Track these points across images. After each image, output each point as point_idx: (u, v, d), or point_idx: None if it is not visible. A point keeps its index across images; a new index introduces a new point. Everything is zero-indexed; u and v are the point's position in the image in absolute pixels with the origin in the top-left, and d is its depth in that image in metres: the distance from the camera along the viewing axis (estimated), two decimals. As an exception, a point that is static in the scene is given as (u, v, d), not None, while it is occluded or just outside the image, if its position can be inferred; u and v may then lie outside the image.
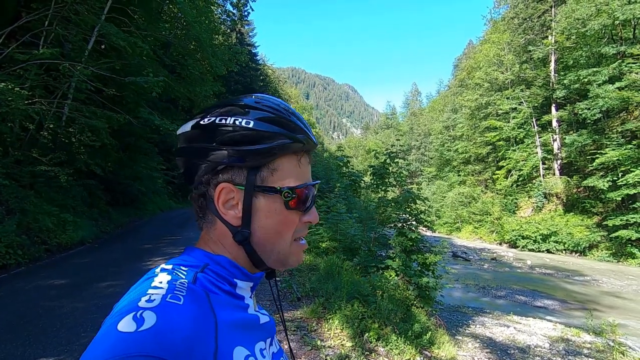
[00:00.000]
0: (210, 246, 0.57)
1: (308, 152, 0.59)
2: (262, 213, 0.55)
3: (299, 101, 78.64)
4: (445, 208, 33.90)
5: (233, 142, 0.53)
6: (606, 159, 18.69)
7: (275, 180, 0.55)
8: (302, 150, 0.58)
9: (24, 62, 7.56)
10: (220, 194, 0.54)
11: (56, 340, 3.42)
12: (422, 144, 56.83)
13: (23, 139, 8.41)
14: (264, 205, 0.54)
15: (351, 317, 4.19)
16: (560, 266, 16.17)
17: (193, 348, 0.40)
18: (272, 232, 0.55)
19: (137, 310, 0.40)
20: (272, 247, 0.56)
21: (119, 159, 12.31)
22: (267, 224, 0.55)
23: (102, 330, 0.40)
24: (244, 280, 0.56)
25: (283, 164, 0.56)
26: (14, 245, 6.17)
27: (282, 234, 0.56)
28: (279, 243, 0.56)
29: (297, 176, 0.57)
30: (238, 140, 0.53)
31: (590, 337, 6.87)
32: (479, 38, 46.58)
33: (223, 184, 0.54)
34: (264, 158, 0.54)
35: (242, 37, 36.07)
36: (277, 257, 0.57)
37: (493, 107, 31.43)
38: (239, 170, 0.54)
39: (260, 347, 0.53)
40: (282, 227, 0.56)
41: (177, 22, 17.16)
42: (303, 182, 0.57)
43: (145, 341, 0.37)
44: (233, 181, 0.54)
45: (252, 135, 0.53)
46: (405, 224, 7.14)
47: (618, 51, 19.67)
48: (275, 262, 0.57)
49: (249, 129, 0.53)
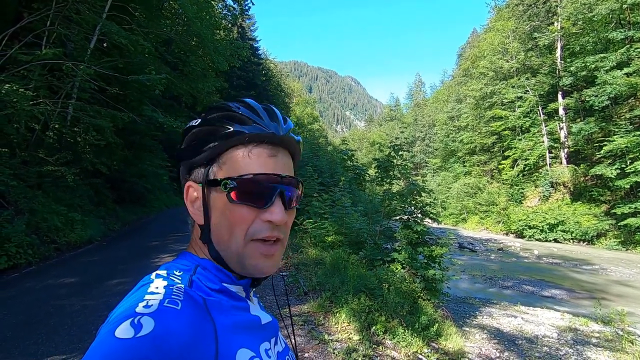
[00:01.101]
0: (195, 249, 0.58)
1: (263, 142, 0.55)
2: (215, 209, 0.54)
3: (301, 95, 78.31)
4: (451, 199, 33.75)
5: (190, 142, 0.57)
6: (614, 146, 18.43)
7: (223, 173, 0.54)
8: (251, 141, 0.54)
9: (28, 63, 7.59)
10: (187, 192, 0.57)
11: (68, 338, 3.49)
12: (427, 135, 56.45)
13: (29, 139, 8.49)
14: (214, 200, 0.54)
15: (358, 311, 4.21)
16: (568, 255, 16.07)
17: (192, 352, 0.40)
18: (223, 229, 0.53)
19: (135, 316, 0.40)
20: (227, 246, 0.53)
21: (125, 157, 12.40)
22: (218, 220, 0.54)
23: (100, 337, 0.40)
24: (231, 284, 0.55)
25: (232, 157, 0.54)
26: (24, 244, 6.26)
27: (232, 232, 0.53)
28: (231, 242, 0.53)
29: (245, 167, 0.53)
30: (192, 139, 0.57)
31: (598, 327, 6.83)
32: (483, 26, 45.86)
33: (188, 182, 0.57)
34: (212, 152, 0.55)
35: (243, 32, 35.91)
36: (236, 259, 0.54)
37: (498, 96, 31.04)
38: (199, 168, 0.56)
39: (265, 348, 0.53)
40: (231, 224, 0.53)
41: (178, 19, 17.11)
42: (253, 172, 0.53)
43: (144, 347, 0.37)
44: (195, 179, 0.57)
45: (201, 132, 0.56)
46: (411, 217, 7.11)
47: (626, 36, 19.27)
48: (235, 265, 0.54)
49: (197, 127, 0.56)
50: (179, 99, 19.80)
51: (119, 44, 9.63)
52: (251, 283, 0.58)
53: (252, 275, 0.55)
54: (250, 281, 0.57)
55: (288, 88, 63.36)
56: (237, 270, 0.55)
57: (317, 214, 8.36)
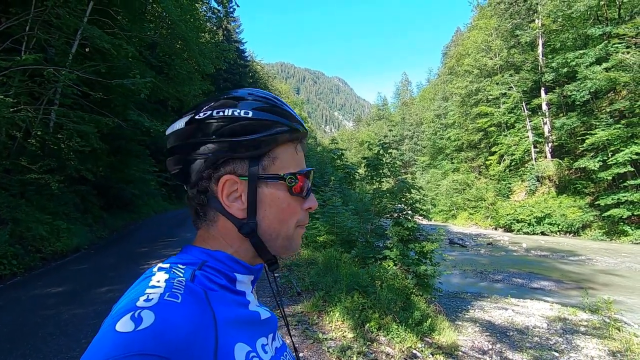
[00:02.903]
0: (208, 243, 0.56)
1: (302, 140, 0.61)
2: (267, 202, 0.55)
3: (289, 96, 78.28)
4: (440, 196, 34.16)
5: (232, 134, 0.53)
6: (596, 139, 18.91)
7: (277, 168, 0.56)
8: (298, 138, 0.59)
9: (7, 69, 7.39)
10: (224, 186, 0.54)
11: (56, 348, 3.41)
12: (415, 133, 57.03)
13: (11, 147, 8.27)
14: (268, 194, 0.55)
15: (351, 309, 4.22)
16: (555, 247, 16.41)
17: (192, 345, 0.40)
18: (277, 220, 0.56)
19: (135, 310, 0.40)
20: (278, 234, 0.57)
21: (110, 163, 12.17)
22: (271, 212, 0.56)
23: (101, 331, 0.40)
24: (244, 274, 0.56)
25: (282, 152, 0.57)
26: (8, 255, 6.09)
27: (287, 222, 0.57)
28: (284, 230, 0.57)
29: (296, 163, 0.58)
30: (237, 131, 0.53)
31: (586, 315, 7.00)
32: (466, 25, 46.69)
33: (226, 176, 0.54)
34: (264, 147, 0.55)
35: (229, 34, 35.68)
36: (282, 244, 0.58)
37: (483, 93, 31.58)
38: (240, 161, 0.54)
39: (262, 343, 0.53)
40: (286, 215, 0.57)
41: (161, 22, 16.88)
42: (302, 168, 0.59)
43: (144, 340, 0.37)
44: (235, 173, 0.54)
45: (252, 125, 0.54)
46: (401, 214, 7.18)
47: (604, 32, 19.80)
48: (280, 249, 0.59)
49: (248, 119, 0.54)
50: (165, 103, 19.55)
51: (102, 48, 9.44)
52: (271, 265, 0.61)
53: (288, 253, 0.61)
54: (262, 266, 0.60)
55: (275, 89, 63.21)
56: (275, 253, 0.59)
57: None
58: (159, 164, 17.25)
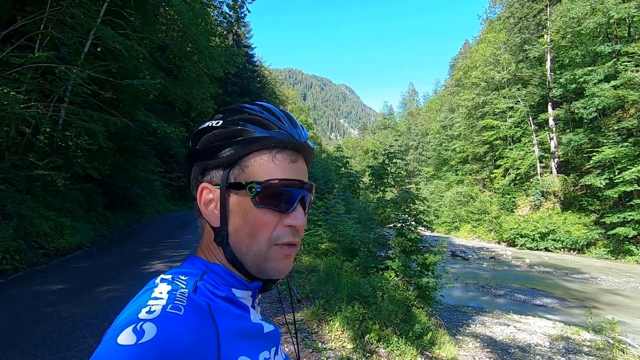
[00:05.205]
0: (205, 253, 0.57)
1: (287, 148, 0.56)
2: (235, 212, 0.54)
3: (296, 102, 78.59)
4: (444, 207, 33.93)
5: (208, 143, 0.56)
6: (603, 156, 18.76)
7: (245, 176, 0.54)
8: (276, 147, 0.55)
9: (20, 66, 7.51)
10: (201, 194, 0.56)
11: (55, 346, 3.39)
12: (420, 143, 56.91)
13: (19, 143, 8.36)
14: (236, 203, 0.54)
15: (352, 319, 4.18)
16: (559, 264, 16.21)
17: (194, 358, 0.40)
18: (245, 233, 0.54)
19: (137, 322, 0.40)
20: (247, 249, 0.54)
21: (117, 162, 12.26)
22: (240, 223, 0.54)
23: (103, 343, 0.40)
24: (241, 289, 0.55)
25: (255, 160, 0.54)
26: (11, 250, 6.12)
27: (255, 236, 0.53)
28: (254, 246, 0.53)
29: (269, 172, 0.54)
30: (209, 140, 0.56)
31: (590, 335, 6.88)
32: (475, 38, 46.83)
33: (203, 184, 0.56)
34: (234, 155, 0.54)
35: (238, 39, 36.04)
36: (254, 261, 0.54)
37: (490, 106, 31.50)
38: (216, 170, 0.56)
39: (264, 357, 0.53)
40: (254, 228, 0.53)
41: (173, 25, 17.07)
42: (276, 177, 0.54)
43: (145, 353, 0.37)
44: (211, 181, 0.56)
45: (222, 134, 0.55)
46: (405, 224, 7.13)
47: (613, 49, 19.78)
48: (253, 267, 0.54)
49: (218, 127, 0.56)
50: (173, 105, 19.70)
51: (113, 49, 9.57)
52: (262, 287, 0.58)
53: (269, 276, 0.56)
54: (261, 284, 0.57)
55: (282, 95, 63.50)
56: (253, 272, 0.55)
57: (310, 221, 8.34)
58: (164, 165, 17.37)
